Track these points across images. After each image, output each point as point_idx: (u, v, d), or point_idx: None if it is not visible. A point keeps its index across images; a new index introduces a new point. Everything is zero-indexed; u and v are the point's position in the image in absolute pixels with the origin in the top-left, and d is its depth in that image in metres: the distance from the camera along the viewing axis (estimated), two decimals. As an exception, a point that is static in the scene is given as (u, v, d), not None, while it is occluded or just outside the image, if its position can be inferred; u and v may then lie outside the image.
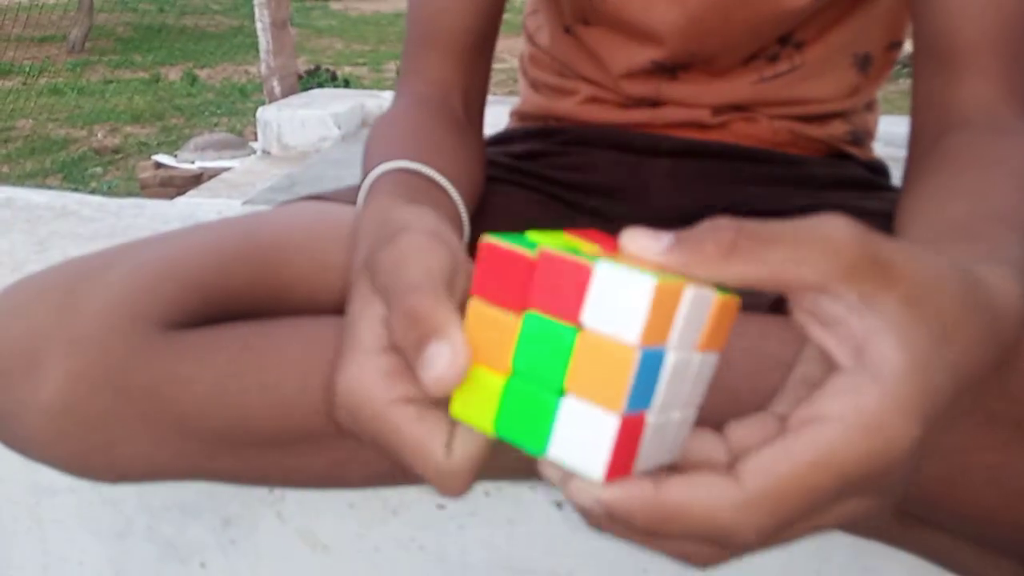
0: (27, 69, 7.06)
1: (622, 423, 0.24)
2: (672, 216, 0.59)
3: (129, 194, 3.92)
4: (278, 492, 0.59)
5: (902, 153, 0.50)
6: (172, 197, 2.97)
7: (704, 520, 0.24)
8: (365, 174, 0.48)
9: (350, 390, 0.30)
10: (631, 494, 0.25)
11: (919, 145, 0.49)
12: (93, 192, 3.95)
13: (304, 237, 0.50)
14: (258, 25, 3.97)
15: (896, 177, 0.55)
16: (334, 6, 11.04)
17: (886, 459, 0.24)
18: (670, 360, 0.25)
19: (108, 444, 0.43)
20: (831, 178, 0.60)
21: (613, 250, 0.27)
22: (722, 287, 0.26)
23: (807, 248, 0.24)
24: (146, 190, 3.97)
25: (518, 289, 0.25)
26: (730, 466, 0.26)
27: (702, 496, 0.24)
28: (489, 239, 0.26)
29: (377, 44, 8.48)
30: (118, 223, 0.87)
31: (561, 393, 0.25)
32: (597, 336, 0.24)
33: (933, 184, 0.44)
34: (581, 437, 0.24)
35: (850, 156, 0.63)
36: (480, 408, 0.27)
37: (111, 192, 4.05)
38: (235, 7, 9.98)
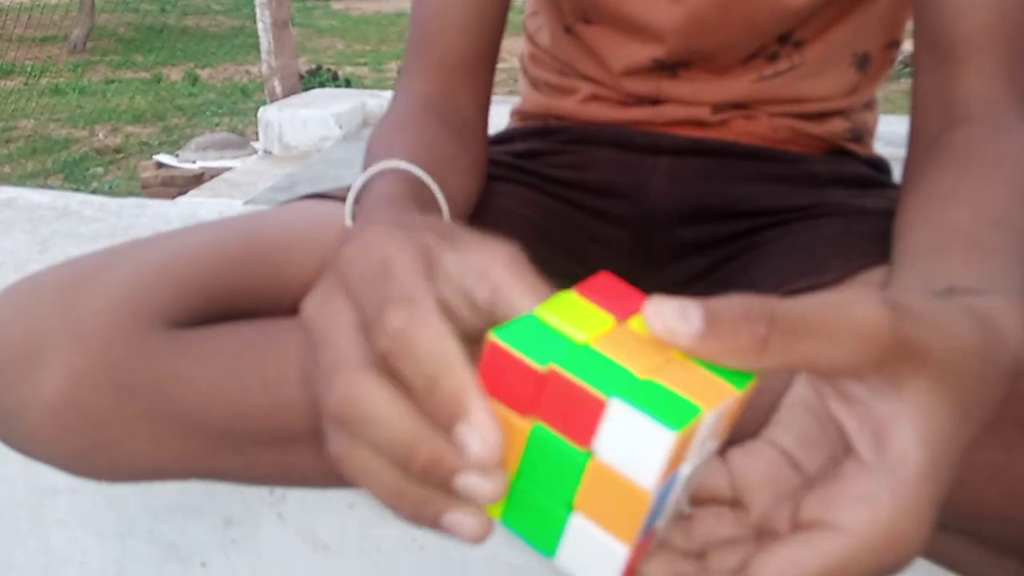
0: (28, 69, 7.06)
1: (633, 547, 0.24)
2: (672, 214, 0.60)
3: (130, 194, 3.93)
4: (279, 492, 0.59)
5: (902, 152, 0.50)
6: (173, 197, 2.97)
7: None
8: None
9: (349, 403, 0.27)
10: None
11: (920, 142, 0.49)
12: (94, 192, 3.96)
13: (305, 236, 0.50)
14: (259, 25, 3.97)
15: (897, 175, 0.55)
16: (335, 6, 11.04)
17: (896, 564, 0.25)
18: (684, 472, 0.24)
19: (110, 442, 0.43)
20: (831, 175, 0.59)
21: (630, 308, 0.25)
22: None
23: (840, 337, 0.24)
24: (147, 190, 3.98)
25: (526, 396, 0.24)
26: (734, 503, 0.27)
27: None
28: (496, 339, 0.24)
29: (378, 44, 8.48)
30: (119, 223, 0.87)
31: (570, 509, 0.24)
32: (610, 469, 0.23)
33: (935, 185, 0.44)
34: (590, 553, 0.24)
35: (850, 153, 0.62)
36: None
37: (112, 192, 4.05)
38: (236, 7, 9.98)
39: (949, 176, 0.44)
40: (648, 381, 0.23)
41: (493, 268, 0.28)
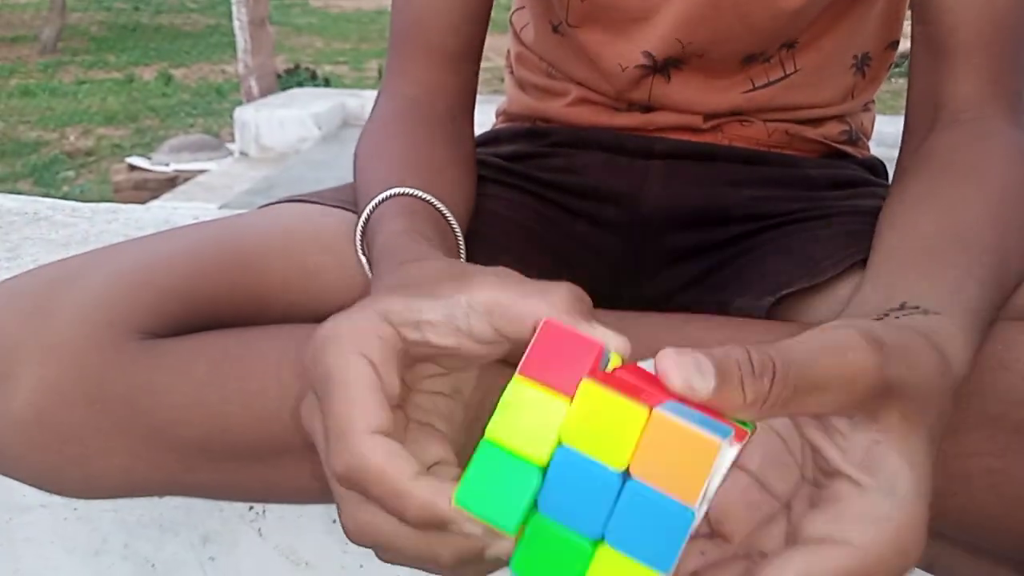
0: (-3, 70, 6.97)
1: None
2: (665, 219, 0.59)
3: (102, 198, 3.88)
4: (258, 508, 0.58)
5: (894, 153, 0.51)
6: (146, 201, 2.94)
7: None
8: (359, 195, 0.48)
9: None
10: None
11: (909, 144, 0.50)
12: (65, 196, 3.89)
13: (286, 241, 0.49)
14: (235, 23, 3.94)
15: (891, 176, 0.55)
16: (314, 3, 10.99)
17: (901, 570, 0.27)
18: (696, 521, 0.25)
19: (82, 457, 0.43)
20: (827, 179, 0.59)
21: (579, 367, 0.26)
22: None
23: (836, 387, 0.27)
24: (119, 193, 3.93)
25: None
26: (712, 535, 0.30)
27: None
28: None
29: (358, 42, 8.45)
30: (91, 228, 0.86)
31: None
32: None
33: (908, 191, 0.45)
34: None
35: (847, 155, 0.62)
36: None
37: (83, 196, 4.00)
38: (212, 5, 9.91)
39: (923, 183, 0.45)
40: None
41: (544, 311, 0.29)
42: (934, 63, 0.49)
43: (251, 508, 0.58)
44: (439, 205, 0.46)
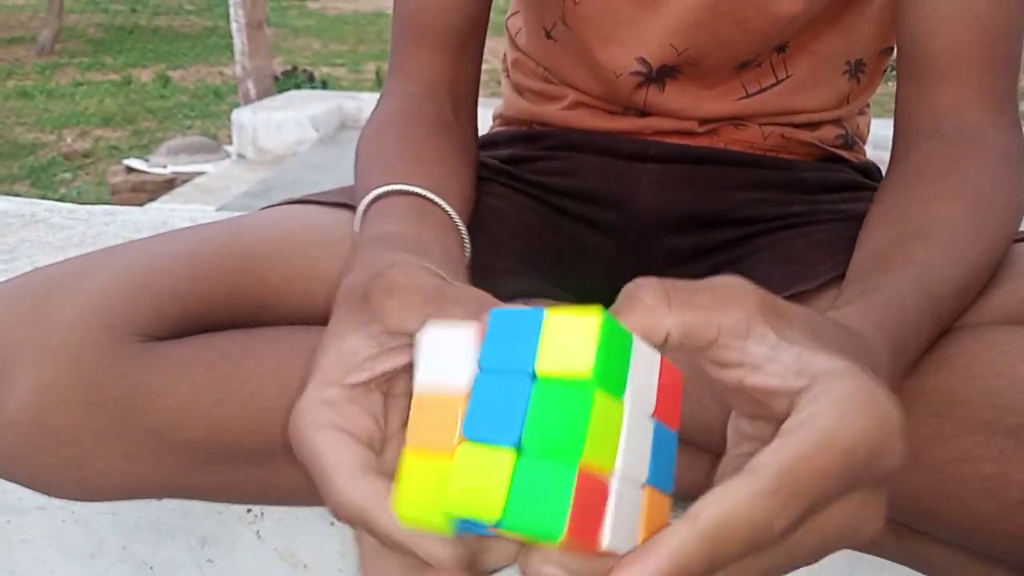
0: (-6, 71, 6.95)
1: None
2: (660, 222, 0.59)
3: (99, 200, 3.87)
4: (256, 510, 0.58)
5: (887, 155, 0.51)
6: (143, 203, 2.93)
7: (746, 529, 0.23)
8: (358, 191, 0.47)
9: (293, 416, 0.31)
10: (675, 546, 0.22)
11: (894, 153, 0.50)
12: (62, 198, 3.89)
13: (287, 244, 0.49)
14: (233, 25, 3.94)
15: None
16: (311, 5, 10.99)
17: (883, 432, 0.25)
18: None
19: (79, 459, 0.42)
20: (822, 182, 0.59)
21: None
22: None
23: (726, 292, 0.27)
24: (117, 196, 3.92)
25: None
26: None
27: (731, 500, 0.23)
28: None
29: (356, 44, 8.45)
30: (89, 231, 0.86)
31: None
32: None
33: (881, 206, 0.45)
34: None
35: (842, 159, 0.62)
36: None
37: (80, 198, 3.99)
38: (209, 7, 9.91)
39: (890, 196, 0.45)
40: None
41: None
42: (916, 74, 0.49)
43: (249, 510, 0.58)
44: (437, 199, 0.45)
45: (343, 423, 0.30)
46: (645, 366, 0.25)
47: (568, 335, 0.23)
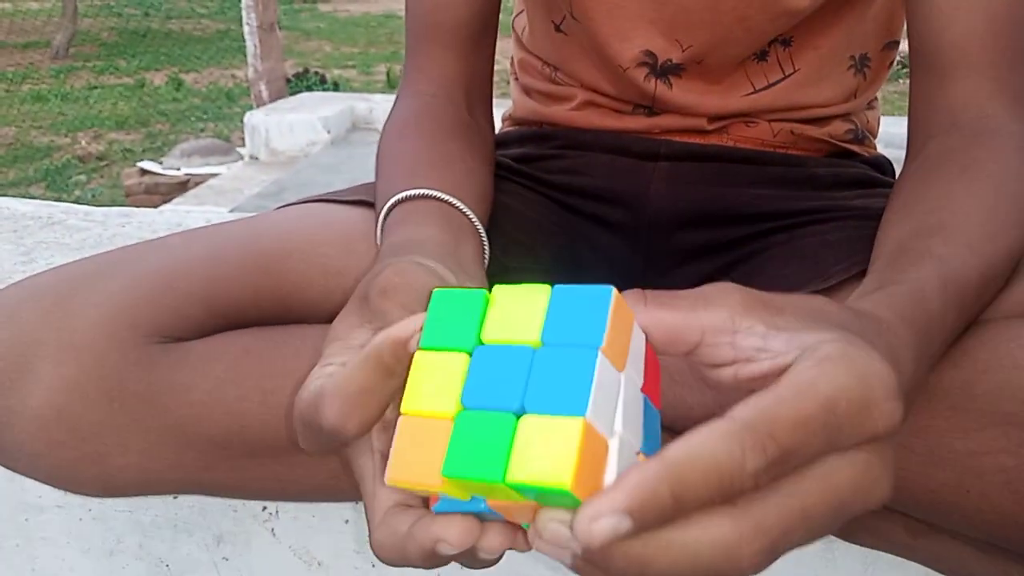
0: (10, 76, 7.02)
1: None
2: (671, 220, 0.59)
3: (113, 202, 3.90)
4: (272, 508, 0.59)
5: (901, 153, 0.50)
6: (157, 205, 2.95)
7: (712, 465, 0.22)
8: (378, 192, 0.48)
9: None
10: (641, 479, 0.22)
11: (911, 148, 0.49)
12: (77, 200, 3.92)
13: (308, 243, 0.49)
14: (245, 28, 3.96)
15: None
16: (323, 8, 11.02)
17: (867, 387, 0.25)
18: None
19: (100, 455, 0.43)
20: (833, 178, 0.59)
21: None
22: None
23: (706, 293, 0.28)
24: (131, 198, 3.95)
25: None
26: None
27: (699, 439, 0.23)
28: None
29: (367, 46, 8.46)
30: (105, 232, 0.86)
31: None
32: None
33: (899, 201, 0.45)
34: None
35: (853, 154, 0.62)
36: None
37: (95, 200, 4.02)
38: (222, 10, 9.95)
39: (907, 191, 0.45)
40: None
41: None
42: (930, 69, 0.48)
43: (264, 508, 0.59)
44: (457, 203, 0.46)
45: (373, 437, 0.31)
46: (637, 344, 0.27)
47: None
